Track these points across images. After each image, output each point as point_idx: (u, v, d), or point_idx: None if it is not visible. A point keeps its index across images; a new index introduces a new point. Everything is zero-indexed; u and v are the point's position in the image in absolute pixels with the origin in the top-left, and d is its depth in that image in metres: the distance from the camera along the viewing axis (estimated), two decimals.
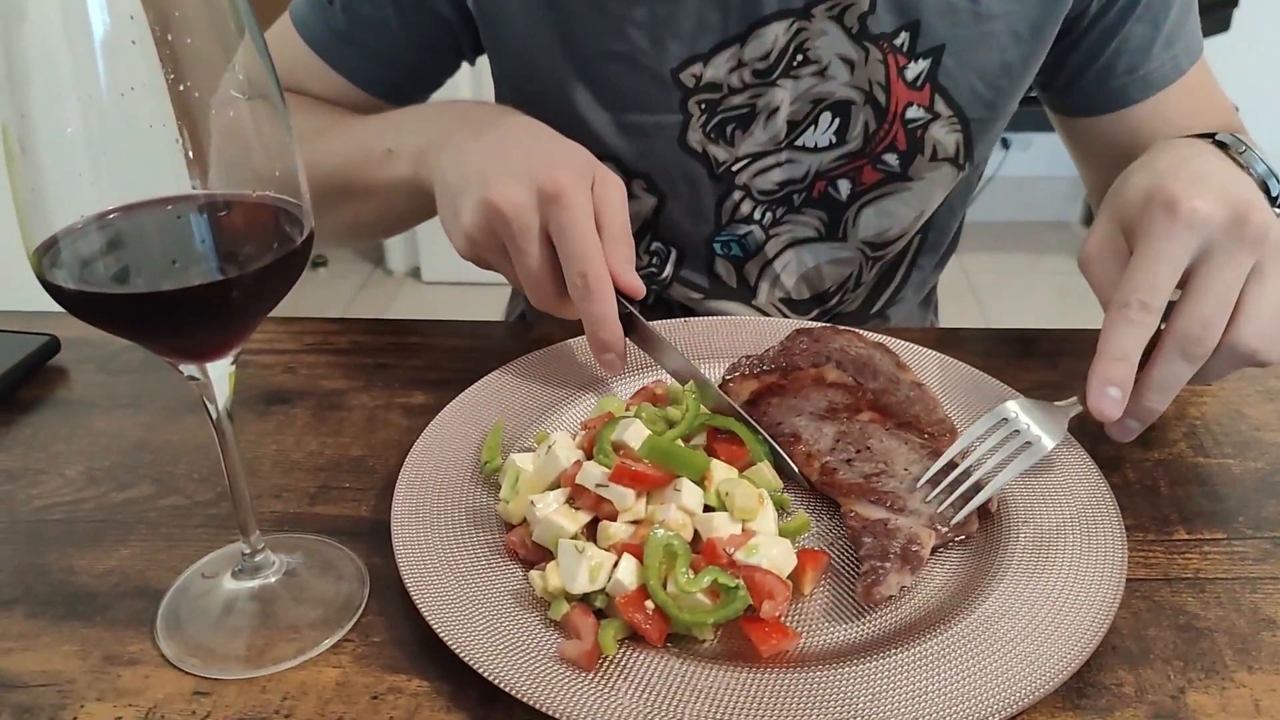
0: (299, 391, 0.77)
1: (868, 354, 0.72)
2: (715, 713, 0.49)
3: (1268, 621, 0.56)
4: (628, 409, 0.66)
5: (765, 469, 0.63)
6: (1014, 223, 3.35)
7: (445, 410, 0.69)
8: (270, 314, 0.53)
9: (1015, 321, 2.63)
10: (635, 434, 0.60)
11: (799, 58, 0.84)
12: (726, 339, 0.80)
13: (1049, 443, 0.61)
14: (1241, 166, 0.67)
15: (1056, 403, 0.63)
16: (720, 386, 0.71)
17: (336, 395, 0.77)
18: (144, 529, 0.64)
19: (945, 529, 0.58)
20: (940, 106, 0.87)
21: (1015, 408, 0.62)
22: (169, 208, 0.47)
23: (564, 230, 0.66)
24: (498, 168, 0.68)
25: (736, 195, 0.91)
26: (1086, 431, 0.72)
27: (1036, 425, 0.61)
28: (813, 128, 0.88)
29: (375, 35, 0.89)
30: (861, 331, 0.75)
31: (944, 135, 0.89)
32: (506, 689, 0.49)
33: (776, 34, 0.83)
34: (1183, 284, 0.60)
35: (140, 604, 0.58)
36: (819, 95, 0.86)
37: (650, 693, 0.50)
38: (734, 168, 0.89)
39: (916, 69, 0.85)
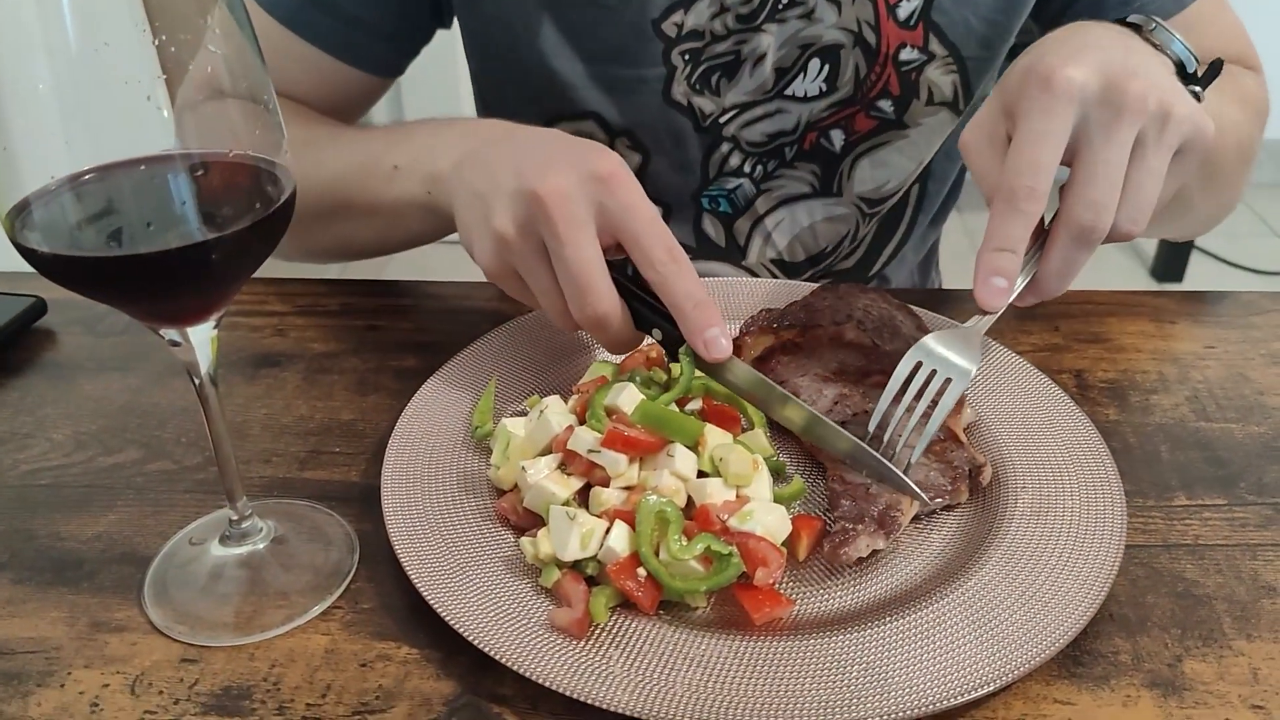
0: (289, 354, 0.76)
1: (890, 314, 0.71)
2: (707, 681, 0.48)
3: (1267, 589, 0.55)
4: (621, 373, 0.65)
5: (760, 435, 0.62)
6: None
7: (437, 374, 0.69)
8: (259, 274, 0.52)
9: None
10: (628, 398, 0.59)
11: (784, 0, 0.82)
12: (719, 302, 0.79)
13: (970, 368, 0.59)
14: (1156, 46, 0.63)
15: (965, 324, 0.61)
16: (736, 339, 0.68)
17: (327, 358, 0.76)
18: (131, 494, 0.63)
19: (930, 494, 0.58)
20: (935, 46, 0.84)
21: (930, 344, 0.60)
22: (143, 168, 0.45)
23: (627, 211, 0.59)
24: (533, 162, 0.61)
25: (725, 147, 0.89)
26: (1087, 398, 0.71)
27: (954, 355, 0.59)
28: (801, 76, 0.85)
29: None
30: (886, 292, 0.73)
31: (940, 77, 0.86)
32: (497, 657, 0.49)
33: None
34: (1070, 159, 0.58)
35: (128, 570, 0.57)
36: (806, 40, 0.84)
37: (642, 661, 0.49)
38: (721, 119, 0.87)
39: (909, 6, 0.82)
